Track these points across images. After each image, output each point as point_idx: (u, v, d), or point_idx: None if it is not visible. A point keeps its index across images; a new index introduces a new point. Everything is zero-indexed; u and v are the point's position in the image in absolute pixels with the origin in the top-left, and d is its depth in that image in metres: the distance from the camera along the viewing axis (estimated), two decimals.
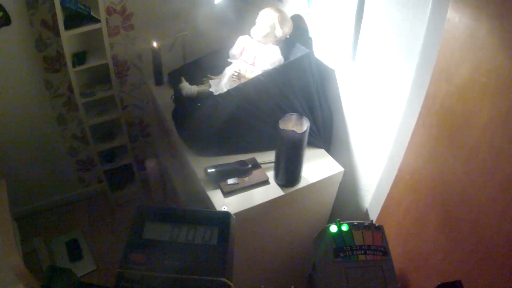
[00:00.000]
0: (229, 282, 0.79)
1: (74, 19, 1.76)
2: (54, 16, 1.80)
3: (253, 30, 1.48)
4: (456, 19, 0.93)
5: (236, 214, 1.24)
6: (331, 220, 1.66)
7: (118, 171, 2.37)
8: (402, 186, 1.28)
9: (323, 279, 1.00)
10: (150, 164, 1.94)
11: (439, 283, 0.93)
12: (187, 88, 1.48)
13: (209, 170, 1.31)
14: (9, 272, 1.54)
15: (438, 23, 0.99)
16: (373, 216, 1.46)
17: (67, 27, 1.74)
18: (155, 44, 1.70)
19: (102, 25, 1.79)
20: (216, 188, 1.32)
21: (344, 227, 1.02)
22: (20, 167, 2.22)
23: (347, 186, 1.57)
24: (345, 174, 1.48)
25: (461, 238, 1.06)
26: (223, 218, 0.89)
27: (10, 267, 1.50)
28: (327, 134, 1.55)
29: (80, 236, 2.28)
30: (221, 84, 1.46)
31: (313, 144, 1.49)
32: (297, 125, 1.24)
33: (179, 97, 1.50)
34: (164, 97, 1.70)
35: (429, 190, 1.16)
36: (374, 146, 1.40)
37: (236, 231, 1.30)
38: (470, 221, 1.02)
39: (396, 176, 1.29)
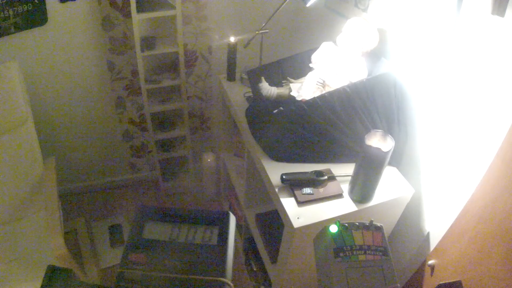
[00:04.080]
0: (229, 282, 0.83)
1: (147, 2, 1.85)
2: None
3: (339, 38, 1.55)
4: None
5: (310, 226, 1.32)
6: (391, 239, 1.73)
7: (173, 161, 2.48)
8: (471, 215, 1.32)
9: (323, 279, 1.03)
10: (208, 158, 2.03)
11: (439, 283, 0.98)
12: (267, 89, 1.57)
13: (285, 177, 1.39)
14: (49, 251, 1.66)
15: None
16: (435, 240, 1.51)
17: (139, 10, 1.83)
18: (232, 39, 1.80)
19: (177, 12, 1.87)
20: (290, 196, 1.39)
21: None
22: (72, 146, 2.35)
23: (413, 207, 1.62)
24: (412, 195, 1.55)
25: None
26: (223, 218, 0.94)
27: (51, 248, 1.59)
28: (399, 152, 1.62)
29: (124, 222, 2.39)
30: (303, 89, 1.54)
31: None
32: (381, 142, 1.30)
33: (257, 97, 1.58)
34: (235, 93, 1.79)
35: (499, 224, 1.19)
36: (445, 172, 1.44)
37: (302, 242, 1.40)
38: None
39: (466, 205, 1.34)
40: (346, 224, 1.06)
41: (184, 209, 0.96)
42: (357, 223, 1.06)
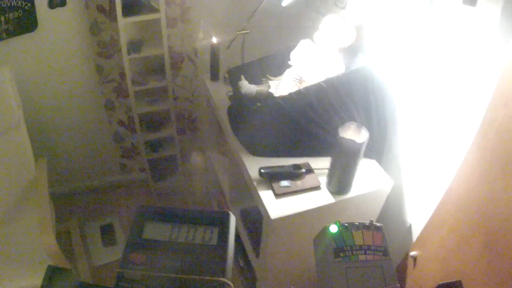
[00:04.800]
0: (229, 282, 0.82)
1: (133, 6, 1.89)
2: (111, 1, 1.95)
3: (316, 36, 1.59)
4: None
5: (287, 217, 1.35)
6: None
7: (162, 162, 2.51)
8: (449, 206, 1.34)
9: (323, 279, 1.04)
10: (196, 158, 2.08)
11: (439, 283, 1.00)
12: (246, 87, 1.61)
13: (263, 170, 1.42)
14: (41, 251, 1.67)
15: (501, 48, 1.07)
16: (416, 232, 1.54)
17: (125, 14, 1.87)
18: (214, 40, 1.84)
19: (161, 15, 1.91)
20: (268, 189, 1.42)
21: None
22: (63, 148, 2.38)
23: (394, 200, 1.65)
24: (393, 187, 1.57)
25: (501, 263, 1.10)
26: (223, 218, 0.93)
27: (43, 246, 1.62)
28: (380, 146, 1.65)
29: (116, 222, 2.44)
30: (281, 86, 1.58)
31: (365, 154, 1.59)
32: (356, 134, 1.33)
33: (237, 95, 1.63)
34: (219, 93, 1.82)
35: (476, 213, 1.21)
36: (425, 163, 1.47)
37: (281, 234, 1.43)
38: None
39: (444, 195, 1.35)
40: (346, 224, 1.06)
41: (184, 209, 0.95)
42: (357, 223, 1.07)
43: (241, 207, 1.92)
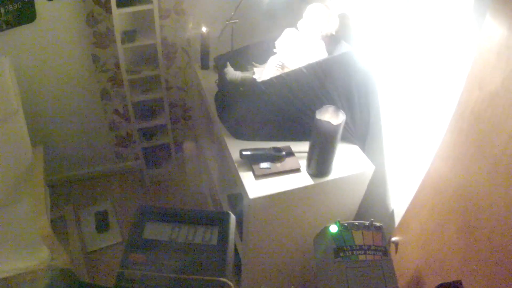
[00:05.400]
0: (229, 282, 0.83)
1: None
2: None
3: (300, 24, 1.63)
4: (492, 29, 1.03)
5: (265, 197, 1.38)
6: (356, 217, 1.78)
7: (156, 150, 2.57)
8: (428, 189, 1.36)
9: (323, 279, 1.06)
10: (188, 146, 2.12)
11: (439, 283, 1.02)
12: (232, 73, 1.64)
13: (244, 153, 1.45)
14: (36, 235, 1.72)
15: (474, 32, 1.10)
16: (398, 217, 1.56)
17: (119, 5, 1.93)
18: (204, 29, 1.88)
19: (154, 6, 1.96)
20: (248, 171, 1.46)
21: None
22: (60, 137, 2.44)
23: (377, 186, 1.67)
24: (376, 173, 1.58)
25: (478, 246, 1.12)
26: (223, 218, 0.94)
27: (37, 230, 1.67)
28: (363, 132, 1.67)
29: (110, 209, 2.48)
30: (264, 72, 1.62)
31: (348, 140, 1.61)
32: (333, 117, 1.35)
33: (222, 81, 1.67)
34: (208, 81, 1.86)
35: (453, 195, 1.22)
36: (406, 149, 1.49)
37: (262, 214, 1.47)
38: (488, 229, 1.08)
39: (424, 179, 1.37)
40: (346, 224, 1.09)
41: (184, 209, 0.95)
42: (356, 223, 1.09)
43: (228, 192, 1.96)
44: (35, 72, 2.18)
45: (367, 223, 1.11)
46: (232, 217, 0.95)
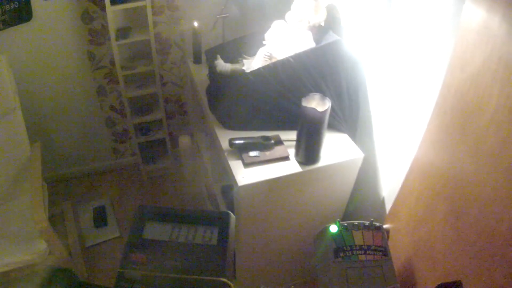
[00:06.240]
0: (229, 282, 0.82)
1: None
2: None
3: (288, 15, 1.63)
4: (472, 10, 1.03)
5: (253, 184, 1.38)
6: (348, 207, 1.78)
7: (152, 145, 2.57)
8: (416, 174, 1.35)
9: (323, 279, 1.05)
10: (184, 140, 2.12)
11: (439, 283, 0.98)
12: (222, 65, 1.64)
13: (233, 141, 1.46)
14: (33, 228, 1.72)
15: (456, 14, 1.09)
16: (388, 204, 1.55)
17: (113, 2, 1.94)
18: (195, 24, 1.88)
19: (147, 2, 1.97)
20: (238, 159, 1.46)
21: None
22: (58, 134, 2.45)
23: (369, 174, 1.67)
24: (367, 161, 1.58)
25: (465, 228, 1.11)
26: (223, 218, 0.93)
27: (35, 224, 1.67)
28: (353, 121, 1.67)
29: (108, 204, 2.48)
30: (253, 63, 1.62)
31: (338, 129, 1.61)
32: (319, 105, 1.36)
33: (213, 74, 1.67)
34: (201, 74, 1.86)
35: (439, 179, 1.22)
36: (394, 136, 1.49)
37: (252, 202, 1.47)
38: (474, 211, 1.08)
39: (411, 165, 1.36)
40: (346, 224, 1.08)
41: (184, 209, 0.94)
42: (356, 223, 1.09)
43: (221, 184, 1.96)
44: (33, 70, 2.19)
45: (367, 223, 1.11)
46: (232, 217, 0.95)
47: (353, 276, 1.00)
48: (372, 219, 1.14)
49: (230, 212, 0.95)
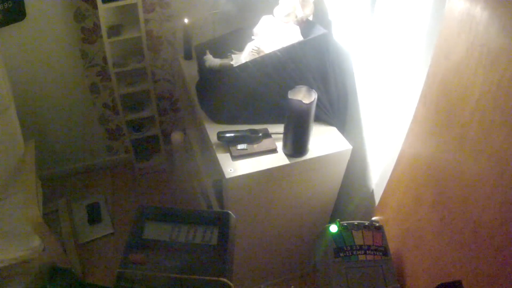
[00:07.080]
0: (229, 282, 0.81)
1: None
2: None
3: (275, 10, 1.61)
4: None
5: (241, 177, 1.37)
6: (338, 199, 1.76)
7: (145, 142, 2.56)
8: (403, 165, 1.34)
9: (323, 279, 1.05)
10: (176, 137, 2.10)
11: (439, 283, 0.96)
12: (210, 60, 1.63)
13: (221, 135, 1.44)
14: (27, 224, 1.70)
15: (440, 2, 1.08)
16: (378, 196, 1.54)
17: (105, 0, 1.92)
18: (186, 20, 1.86)
19: (138, 0, 1.95)
20: (226, 152, 1.44)
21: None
22: (51, 131, 2.44)
23: (358, 167, 1.66)
24: (356, 154, 1.56)
25: (451, 217, 1.11)
26: (223, 218, 0.91)
27: (28, 220, 1.66)
28: (341, 114, 1.65)
29: (102, 201, 2.47)
30: (241, 58, 1.60)
31: (326, 121, 1.59)
32: (306, 97, 1.35)
33: (202, 68, 1.66)
34: (191, 70, 1.84)
35: (426, 168, 1.21)
36: (382, 128, 1.47)
37: (241, 195, 1.45)
38: (460, 199, 1.07)
39: (399, 155, 1.36)
40: (346, 224, 1.08)
41: (184, 209, 0.93)
42: (356, 223, 1.09)
43: (213, 178, 1.94)
44: (26, 68, 2.17)
45: (367, 223, 1.10)
46: (233, 217, 0.93)
47: (353, 276, 0.99)
48: (372, 218, 1.12)
49: (230, 212, 0.94)
